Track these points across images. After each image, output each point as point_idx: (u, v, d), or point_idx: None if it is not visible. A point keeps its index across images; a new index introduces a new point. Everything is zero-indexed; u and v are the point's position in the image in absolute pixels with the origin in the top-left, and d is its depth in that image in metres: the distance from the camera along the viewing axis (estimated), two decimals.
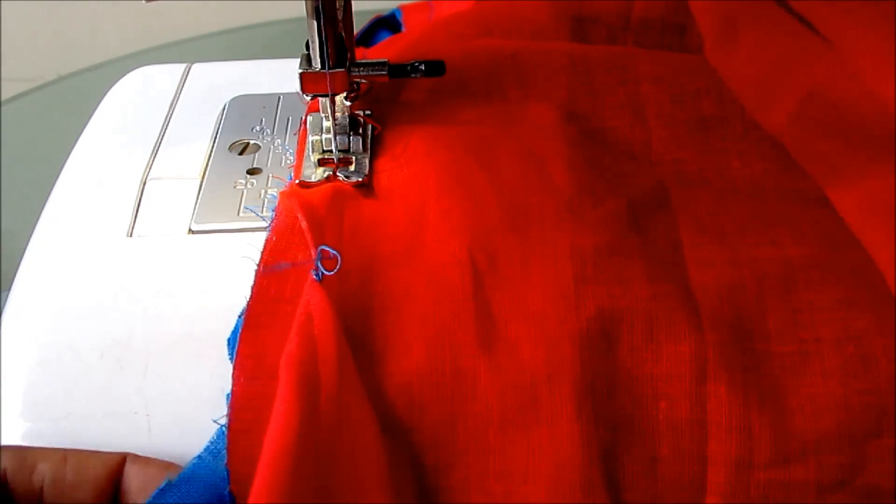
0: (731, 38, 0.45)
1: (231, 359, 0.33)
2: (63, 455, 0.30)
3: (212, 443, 0.32)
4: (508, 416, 0.32)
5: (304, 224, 0.36)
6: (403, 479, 0.31)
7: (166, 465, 0.31)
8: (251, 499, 0.26)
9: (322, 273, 0.34)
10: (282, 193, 0.39)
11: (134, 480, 0.30)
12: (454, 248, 0.35)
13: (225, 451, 0.31)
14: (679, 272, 0.36)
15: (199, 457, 0.31)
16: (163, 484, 0.31)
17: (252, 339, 0.33)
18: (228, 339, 0.34)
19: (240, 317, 0.34)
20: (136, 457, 0.31)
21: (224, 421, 0.32)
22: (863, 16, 0.41)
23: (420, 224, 0.37)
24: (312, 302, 0.32)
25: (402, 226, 0.37)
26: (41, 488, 0.29)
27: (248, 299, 0.34)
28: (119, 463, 0.30)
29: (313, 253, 0.34)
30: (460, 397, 0.32)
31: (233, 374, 0.32)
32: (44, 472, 0.30)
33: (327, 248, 0.34)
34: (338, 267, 0.34)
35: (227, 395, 0.32)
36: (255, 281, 0.35)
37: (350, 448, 0.30)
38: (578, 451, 0.31)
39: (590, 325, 0.33)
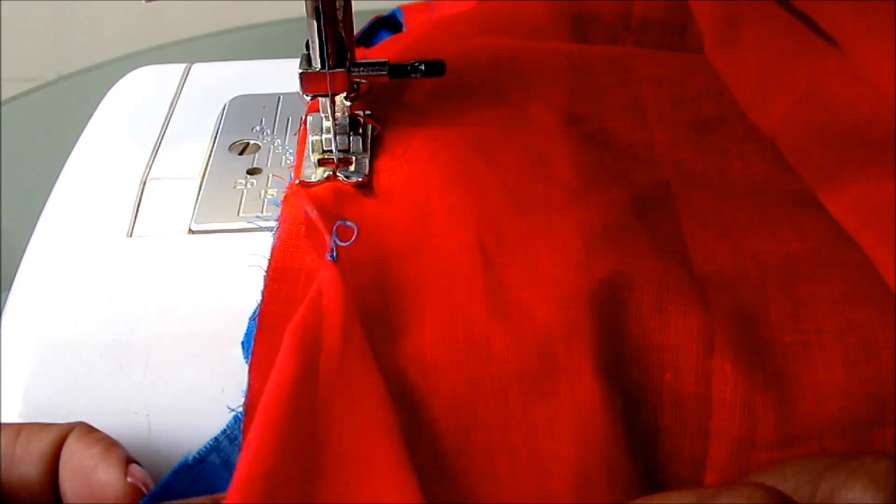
0: (732, 37, 0.45)
1: (247, 361, 0.33)
2: (18, 429, 0.30)
3: (228, 427, 0.32)
4: (527, 376, 0.32)
5: (313, 214, 0.36)
6: (420, 444, 0.31)
7: (109, 446, 0.30)
8: (244, 444, 0.26)
9: (336, 247, 0.34)
10: (285, 197, 0.39)
11: (72, 460, 0.29)
12: (462, 236, 0.35)
13: (241, 435, 0.31)
14: (683, 260, 0.36)
15: (216, 438, 0.31)
16: (170, 471, 0.30)
17: (267, 340, 0.33)
18: (242, 342, 0.34)
19: (251, 319, 0.34)
20: (83, 432, 0.30)
21: (239, 409, 0.32)
22: (869, 13, 0.41)
23: (425, 219, 0.37)
24: (324, 278, 0.32)
25: (408, 223, 0.37)
26: None
27: (259, 303, 0.34)
28: (65, 436, 0.30)
29: (327, 239, 0.34)
30: (475, 360, 0.32)
31: (249, 375, 0.32)
32: None
33: (345, 223, 0.34)
34: (354, 236, 0.34)
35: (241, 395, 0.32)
36: (265, 284, 0.35)
37: (351, 402, 0.29)
38: (600, 408, 0.31)
39: (601, 286, 0.33)
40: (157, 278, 0.37)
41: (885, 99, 0.39)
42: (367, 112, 0.42)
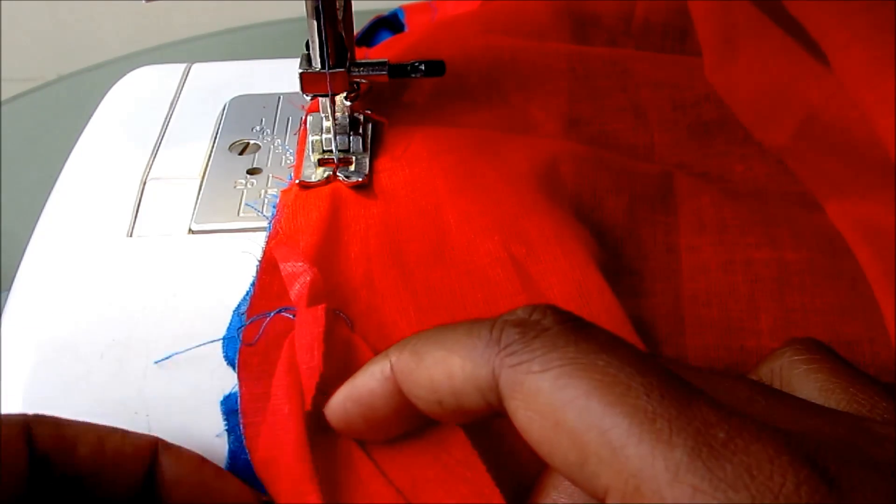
0: (730, 58, 0.45)
1: (225, 356, 0.33)
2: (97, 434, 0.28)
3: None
4: None
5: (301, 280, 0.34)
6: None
7: (199, 459, 0.29)
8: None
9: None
10: (283, 192, 0.39)
11: (167, 472, 0.29)
12: (489, 248, 0.35)
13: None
14: (670, 284, 0.36)
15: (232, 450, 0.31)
16: None
17: (255, 336, 0.33)
18: (224, 337, 0.34)
19: (234, 312, 0.34)
20: (166, 445, 0.29)
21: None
22: (852, 21, 0.41)
23: (440, 227, 0.37)
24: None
25: (421, 228, 0.37)
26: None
27: (249, 296, 0.34)
28: (150, 448, 0.29)
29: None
30: None
31: (238, 374, 0.32)
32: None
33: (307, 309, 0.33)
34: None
35: (225, 396, 0.32)
36: (257, 277, 0.35)
37: None
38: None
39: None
40: (157, 278, 0.37)
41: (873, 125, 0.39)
42: (369, 111, 0.42)
